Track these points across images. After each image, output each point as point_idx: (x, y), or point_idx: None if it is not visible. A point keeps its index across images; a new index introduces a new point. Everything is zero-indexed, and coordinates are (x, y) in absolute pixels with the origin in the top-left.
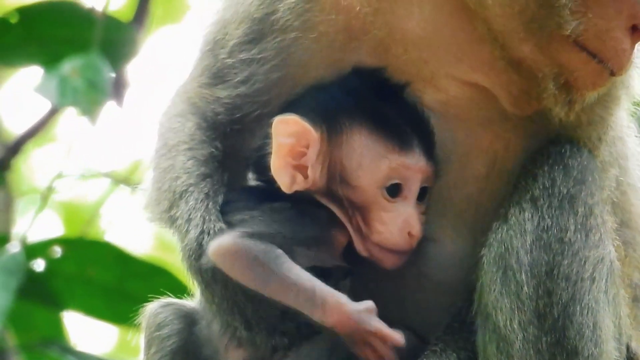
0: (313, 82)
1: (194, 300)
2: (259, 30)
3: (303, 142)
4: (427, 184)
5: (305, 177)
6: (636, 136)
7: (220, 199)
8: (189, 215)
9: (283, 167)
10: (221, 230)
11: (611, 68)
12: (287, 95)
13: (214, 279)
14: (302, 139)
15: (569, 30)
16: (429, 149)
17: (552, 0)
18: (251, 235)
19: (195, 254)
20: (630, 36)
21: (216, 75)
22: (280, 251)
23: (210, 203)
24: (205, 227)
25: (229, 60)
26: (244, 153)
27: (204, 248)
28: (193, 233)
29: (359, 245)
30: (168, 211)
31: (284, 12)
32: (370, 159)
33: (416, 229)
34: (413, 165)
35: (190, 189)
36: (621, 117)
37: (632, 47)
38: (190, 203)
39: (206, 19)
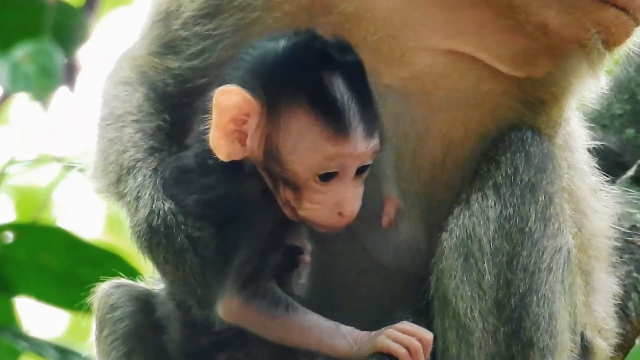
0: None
1: (146, 282)
2: (216, 6)
3: (244, 111)
4: (368, 162)
5: (244, 145)
6: (578, 118)
7: (168, 173)
8: (138, 192)
9: (222, 135)
10: (172, 212)
11: (637, 17)
12: None
13: (165, 260)
14: (243, 108)
15: None
16: (372, 124)
17: None
18: (246, 283)
19: (146, 235)
20: None
21: (167, 46)
22: (286, 299)
23: (158, 179)
24: (154, 206)
25: (183, 33)
26: (192, 125)
27: (154, 228)
28: (142, 213)
29: (288, 214)
30: (116, 186)
31: None
32: (305, 147)
33: (348, 210)
34: (351, 153)
35: (138, 164)
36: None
37: None
38: (139, 179)
39: None
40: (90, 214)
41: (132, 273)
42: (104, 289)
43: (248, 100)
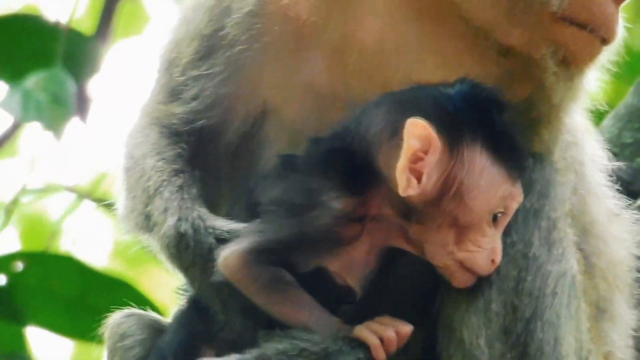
0: (267, 94)
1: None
2: (209, 47)
3: (424, 148)
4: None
5: (419, 182)
6: (595, 141)
7: (194, 191)
8: (165, 206)
9: (403, 169)
10: (200, 218)
11: (602, 35)
12: (238, 107)
13: (193, 263)
14: (425, 144)
15: (555, 7)
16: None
17: None
18: (257, 251)
19: (174, 241)
20: (614, 0)
21: (171, 93)
22: (285, 275)
23: (185, 194)
24: (182, 213)
25: (181, 78)
26: (207, 156)
27: (182, 233)
28: (171, 221)
29: (436, 256)
30: (143, 212)
31: (231, 27)
32: (489, 183)
33: (499, 257)
34: (517, 196)
35: (164, 184)
36: (576, 122)
37: (617, 10)
38: (165, 196)
39: (163, 38)
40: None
41: (142, 300)
42: (115, 319)
43: (432, 136)
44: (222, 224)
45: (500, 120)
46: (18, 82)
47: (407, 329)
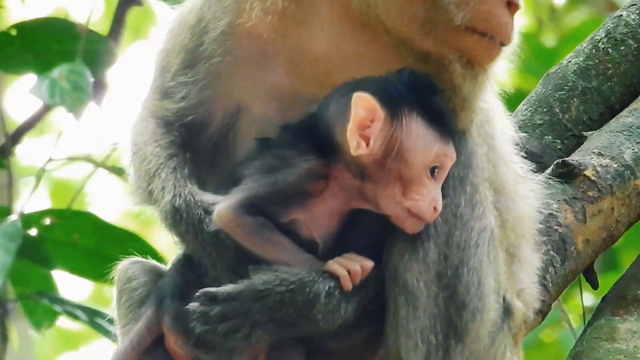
0: (240, 96)
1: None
2: (192, 59)
3: (370, 116)
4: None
5: (367, 145)
6: (505, 118)
7: (186, 171)
8: (163, 185)
9: (353, 132)
10: (191, 193)
11: (500, 41)
12: (217, 107)
13: (186, 231)
14: (371, 113)
15: (459, 21)
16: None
17: (437, 2)
18: (245, 204)
19: (171, 214)
20: (508, 10)
21: (164, 93)
22: (267, 223)
23: (179, 174)
24: (176, 191)
25: (171, 83)
26: (195, 144)
27: (177, 207)
28: (168, 197)
29: (388, 206)
30: (146, 189)
31: (208, 43)
32: (424, 143)
33: (440, 206)
34: (450, 154)
35: (161, 166)
36: (488, 103)
37: (512, 19)
38: (162, 176)
39: (157, 46)
40: (112, 203)
41: (147, 250)
42: (123, 265)
43: (376, 107)
44: (209, 198)
45: (432, 97)
46: (46, 74)
47: (369, 264)
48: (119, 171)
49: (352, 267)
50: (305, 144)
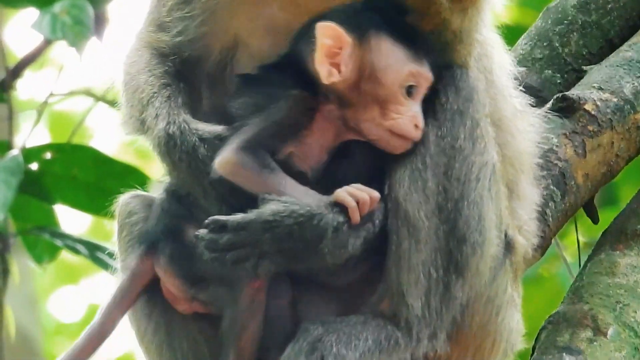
0: (237, 31)
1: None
2: None
3: (337, 44)
4: (426, 90)
5: (339, 72)
6: (503, 51)
7: (180, 100)
8: (156, 113)
9: (322, 62)
10: (185, 121)
11: None
12: (215, 42)
13: (180, 159)
14: (337, 41)
15: None
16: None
17: None
18: (244, 147)
19: (164, 140)
20: None
21: (160, 26)
22: (269, 160)
23: (172, 102)
24: (170, 118)
25: (168, 18)
26: (191, 77)
27: (171, 134)
28: (161, 124)
29: (371, 130)
30: (139, 118)
31: None
32: (395, 63)
33: (421, 122)
34: (424, 74)
35: (154, 95)
36: (486, 37)
37: None
38: (156, 105)
39: None
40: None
41: (146, 183)
42: (123, 199)
43: (341, 34)
44: (204, 126)
45: (400, 17)
46: (47, 8)
47: (376, 194)
48: (119, 105)
49: (360, 197)
50: (288, 79)
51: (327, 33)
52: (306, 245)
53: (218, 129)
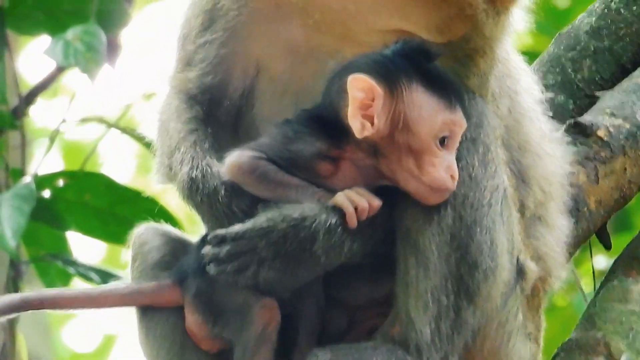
0: (257, 52)
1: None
2: (210, 18)
3: (370, 96)
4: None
5: (372, 124)
6: (530, 77)
7: (206, 145)
8: (182, 158)
9: (354, 115)
10: (208, 165)
11: None
12: (236, 64)
13: (201, 201)
14: (369, 93)
15: None
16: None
17: None
18: (254, 151)
19: (187, 184)
20: None
21: (186, 62)
22: (274, 166)
23: (198, 147)
24: (194, 162)
25: (192, 47)
26: (219, 112)
27: (193, 178)
28: (185, 169)
29: (408, 182)
30: (168, 164)
31: (225, 0)
32: (428, 113)
33: (456, 172)
34: (458, 121)
35: (181, 141)
36: (511, 58)
37: None
38: (182, 150)
39: (178, 20)
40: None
41: (159, 210)
42: (138, 230)
43: (372, 86)
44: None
45: (430, 64)
46: (59, 35)
47: (377, 202)
48: (131, 132)
49: (359, 202)
50: (319, 127)
51: (359, 85)
52: (301, 247)
53: None
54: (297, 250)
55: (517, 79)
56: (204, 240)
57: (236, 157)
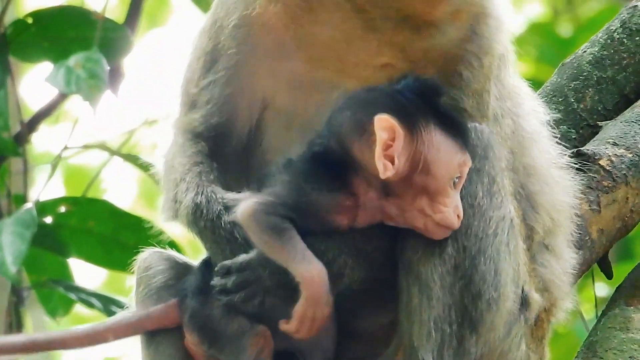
0: (261, 88)
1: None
2: (211, 59)
3: (391, 136)
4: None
5: (392, 164)
6: (535, 101)
7: (212, 177)
8: (187, 187)
9: (380, 156)
10: (213, 192)
11: None
12: (241, 102)
13: (205, 227)
14: (391, 133)
15: None
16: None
17: None
18: (269, 204)
19: (192, 210)
20: None
21: (190, 106)
22: (289, 225)
23: (204, 177)
24: (199, 189)
25: (195, 90)
26: (226, 149)
27: (198, 204)
28: (189, 196)
29: (415, 220)
30: (173, 198)
31: (225, 39)
32: (445, 155)
33: (462, 212)
34: (468, 162)
35: (186, 173)
36: (512, 84)
37: None
38: (187, 180)
39: (181, 66)
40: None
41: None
42: (142, 256)
43: (394, 126)
44: (230, 195)
45: (441, 103)
46: (62, 62)
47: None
48: (134, 159)
49: (306, 325)
50: (327, 171)
51: (384, 125)
52: None
53: (242, 195)
54: None
55: (520, 101)
56: (205, 263)
57: (249, 203)
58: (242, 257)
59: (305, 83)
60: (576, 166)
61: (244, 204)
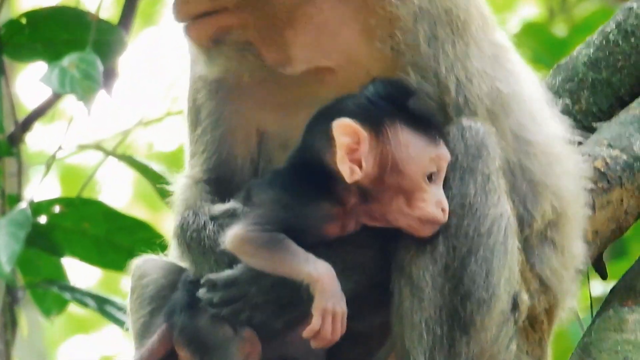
0: (257, 122)
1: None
2: (195, 113)
3: (355, 140)
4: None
5: (360, 168)
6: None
7: (209, 197)
8: (182, 209)
9: (343, 161)
10: (202, 206)
11: None
12: (239, 137)
13: (190, 239)
14: (354, 137)
15: None
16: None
17: None
18: (256, 223)
19: (179, 223)
20: None
21: (191, 158)
22: (282, 235)
23: (199, 201)
24: (187, 206)
25: (192, 146)
26: (230, 185)
27: (185, 217)
28: (182, 215)
29: (399, 220)
30: (175, 220)
31: (200, 95)
32: (415, 152)
33: (446, 205)
34: (443, 155)
35: (183, 202)
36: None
37: None
38: (185, 205)
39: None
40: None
41: (156, 238)
42: (137, 262)
43: (357, 130)
44: (217, 206)
45: (410, 102)
46: (56, 62)
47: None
48: (128, 159)
49: (327, 329)
50: (311, 183)
51: (344, 130)
52: (291, 293)
53: (227, 205)
54: (287, 295)
55: (516, 71)
56: (190, 279)
57: (238, 228)
58: (228, 273)
59: (291, 102)
60: None
61: (232, 232)
